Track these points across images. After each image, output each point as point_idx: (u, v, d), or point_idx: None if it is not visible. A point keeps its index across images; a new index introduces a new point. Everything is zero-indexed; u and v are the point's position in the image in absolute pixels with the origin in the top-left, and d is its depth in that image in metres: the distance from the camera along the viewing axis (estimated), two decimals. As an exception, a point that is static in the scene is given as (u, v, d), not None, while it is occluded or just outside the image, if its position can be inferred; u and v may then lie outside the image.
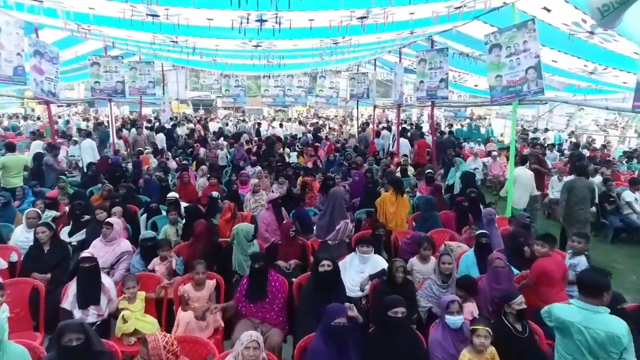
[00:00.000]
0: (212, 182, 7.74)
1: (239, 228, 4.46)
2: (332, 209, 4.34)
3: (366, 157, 11.39)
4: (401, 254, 4.85)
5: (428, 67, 9.51)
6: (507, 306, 3.03)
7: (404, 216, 5.65)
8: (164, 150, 11.87)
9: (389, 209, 5.55)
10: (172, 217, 5.28)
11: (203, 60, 10.88)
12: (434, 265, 4.20)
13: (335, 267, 3.61)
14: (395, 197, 5.62)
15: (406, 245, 4.85)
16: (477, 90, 15.60)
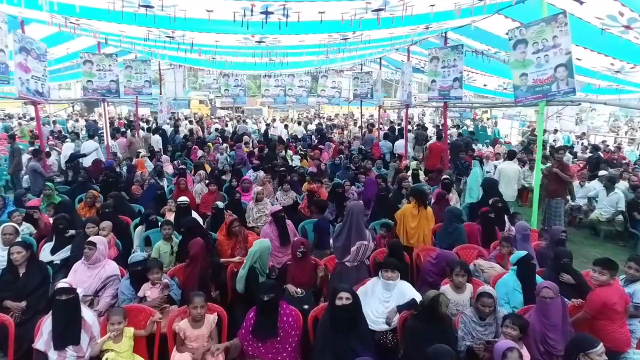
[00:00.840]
0: (212, 189, 7.16)
1: (261, 246, 3.88)
2: (349, 226, 3.76)
3: (373, 161, 10.84)
4: (424, 274, 4.28)
5: (441, 66, 8.94)
6: (583, 356, 2.45)
7: (428, 231, 5.07)
8: (160, 152, 11.30)
9: (410, 223, 4.97)
10: (166, 232, 4.69)
11: (202, 58, 10.29)
12: (469, 294, 3.63)
13: (355, 300, 3.05)
14: (418, 210, 5.04)
15: (431, 266, 4.26)
16: (486, 90, 15.05)
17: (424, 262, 4.47)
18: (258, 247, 3.89)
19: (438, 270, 4.12)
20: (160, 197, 6.50)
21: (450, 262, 3.79)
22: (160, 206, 6.33)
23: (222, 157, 10.66)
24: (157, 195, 6.52)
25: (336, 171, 9.89)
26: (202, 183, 7.73)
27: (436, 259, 4.18)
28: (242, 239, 4.95)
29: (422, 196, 5.13)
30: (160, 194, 6.54)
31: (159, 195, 6.51)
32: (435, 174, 8.76)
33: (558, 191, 6.86)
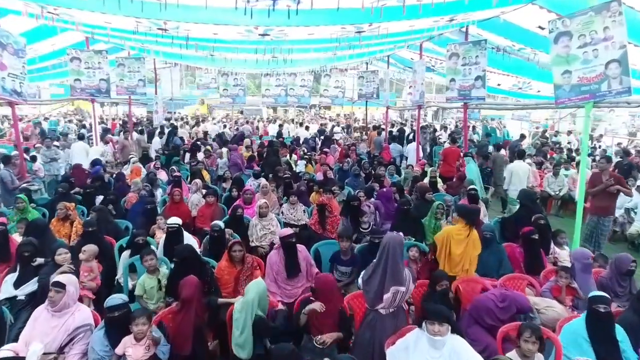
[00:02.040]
0: (209, 201, 6.35)
1: (258, 290, 3.07)
2: (384, 267, 2.92)
3: (384, 166, 10.04)
4: (481, 314, 3.40)
5: (461, 63, 8.16)
6: None
7: (474, 259, 4.24)
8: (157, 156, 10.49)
9: (455, 249, 4.14)
10: (149, 263, 3.87)
11: (199, 54, 9.48)
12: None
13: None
14: (468, 233, 4.19)
15: (497, 309, 3.32)
16: (499, 89, 14.28)
17: (480, 299, 3.59)
18: (255, 292, 3.08)
19: (504, 317, 3.32)
20: (150, 212, 5.67)
21: (521, 308, 3.02)
22: (152, 223, 5.52)
23: (222, 161, 9.82)
24: (147, 210, 5.68)
25: (344, 177, 9.09)
26: (199, 193, 6.92)
27: (503, 301, 3.37)
28: (247, 268, 4.15)
29: (473, 216, 4.30)
30: (150, 209, 5.70)
31: (149, 211, 5.68)
32: (456, 182, 7.96)
33: (610, 208, 6.00)
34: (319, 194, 7.20)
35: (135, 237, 4.60)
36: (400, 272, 2.96)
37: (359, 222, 5.65)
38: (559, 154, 13.57)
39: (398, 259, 2.97)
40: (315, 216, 5.82)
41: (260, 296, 3.06)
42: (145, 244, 4.62)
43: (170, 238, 4.80)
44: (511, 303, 3.19)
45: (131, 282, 4.31)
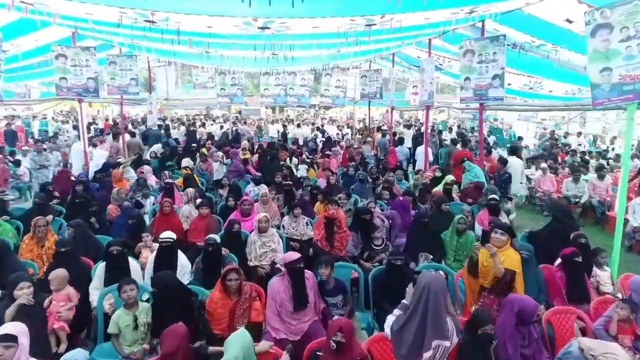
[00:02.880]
0: (203, 213, 5.71)
1: (243, 345, 2.42)
2: (422, 316, 2.28)
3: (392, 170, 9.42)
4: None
5: (477, 60, 7.52)
6: None
7: (521, 287, 3.58)
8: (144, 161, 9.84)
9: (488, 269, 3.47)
10: (128, 295, 3.22)
11: (193, 51, 8.83)
12: None
13: None
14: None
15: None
16: (509, 89, 13.67)
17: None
18: (238, 349, 2.40)
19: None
20: (134, 228, 5.01)
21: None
22: (138, 241, 4.87)
23: (219, 165, 9.14)
24: (130, 226, 5.02)
25: (349, 184, 8.45)
26: (191, 204, 6.28)
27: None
28: (245, 299, 3.51)
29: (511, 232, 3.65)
30: (133, 225, 5.03)
31: (132, 227, 5.01)
32: (472, 189, 7.34)
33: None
34: (323, 204, 6.57)
35: (110, 248, 3.97)
36: (443, 323, 2.33)
37: (370, 238, 5.02)
38: (572, 156, 12.97)
39: (440, 308, 2.33)
40: (321, 231, 5.17)
41: (245, 353, 2.42)
42: (121, 256, 3.98)
43: (161, 256, 4.17)
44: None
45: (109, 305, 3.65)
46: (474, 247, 3.46)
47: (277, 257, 4.87)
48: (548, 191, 9.51)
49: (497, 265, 3.29)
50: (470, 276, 3.61)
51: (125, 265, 4.01)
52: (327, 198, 6.09)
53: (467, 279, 3.72)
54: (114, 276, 3.93)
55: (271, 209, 6.50)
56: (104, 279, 3.91)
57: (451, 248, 4.93)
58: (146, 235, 4.76)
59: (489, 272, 3.41)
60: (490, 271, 3.39)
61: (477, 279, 3.48)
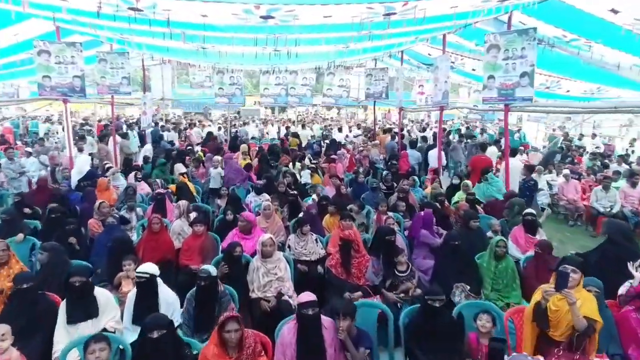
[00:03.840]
0: (198, 231, 4.94)
1: None
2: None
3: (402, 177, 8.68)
4: None
5: (503, 57, 6.77)
6: None
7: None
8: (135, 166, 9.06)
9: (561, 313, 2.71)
10: (96, 357, 2.47)
11: (187, 47, 8.06)
12: None
13: None
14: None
15: None
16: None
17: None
18: None
19: None
20: (116, 251, 4.24)
21: None
22: (118, 268, 4.10)
23: (216, 172, 8.33)
24: (110, 249, 4.25)
25: (359, 192, 7.69)
26: (184, 218, 5.51)
27: None
28: (246, 356, 2.75)
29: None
30: (113, 247, 4.26)
31: (112, 250, 4.24)
32: (498, 202, 6.59)
33: None
34: (333, 217, 5.82)
35: (71, 278, 3.22)
36: None
37: (393, 263, 4.27)
38: (592, 160, 12.24)
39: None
40: (336, 255, 4.41)
41: None
42: (84, 290, 3.22)
43: (141, 295, 3.42)
44: None
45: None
46: (544, 294, 2.72)
47: (284, 286, 4.12)
48: (572, 199, 8.78)
49: (578, 316, 2.56)
50: (533, 323, 2.86)
51: (89, 302, 3.26)
52: (341, 212, 5.33)
53: (526, 324, 2.97)
54: (76, 316, 3.20)
55: (275, 224, 5.77)
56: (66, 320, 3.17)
57: (488, 276, 4.19)
58: (127, 262, 3.99)
59: (561, 322, 2.67)
60: (564, 321, 2.65)
61: (548, 329, 2.73)
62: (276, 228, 5.74)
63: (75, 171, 7.56)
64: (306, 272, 4.71)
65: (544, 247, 4.23)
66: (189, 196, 6.94)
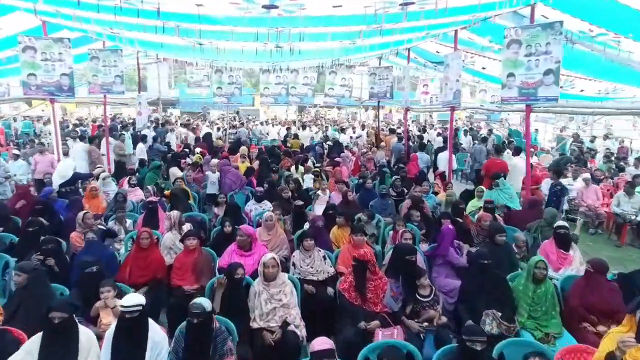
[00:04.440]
0: (190, 246, 4.39)
1: None
2: None
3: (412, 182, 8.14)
4: None
5: (524, 53, 6.25)
6: None
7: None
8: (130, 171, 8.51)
9: None
10: None
11: (183, 43, 7.50)
12: None
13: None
14: None
15: None
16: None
17: None
18: None
19: None
20: (91, 277, 3.64)
21: None
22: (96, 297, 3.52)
23: (214, 176, 7.77)
24: (86, 276, 3.64)
25: (367, 199, 7.14)
26: (175, 231, 4.96)
27: None
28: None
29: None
30: (90, 275, 3.65)
31: (89, 277, 3.64)
32: (526, 209, 6.05)
33: None
34: (342, 230, 5.28)
35: (50, 313, 2.68)
36: None
37: (415, 286, 3.73)
38: (606, 162, 11.70)
39: None
40: (349, 277, 3.86)
41: None
42: (66, 328, 2.68)
43: (124, 330, 2.86)
44: None
45: None
46: (621, 344, 2.18)
47: (290, 315, 3.58)
48: (593, 205, 8.25)
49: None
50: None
51: (68, 343, 2.72)
52: (352, 225, 4.78)
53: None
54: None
55: (277, 236, 5.23)
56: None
57: (525, 301, 3.65)
58: (106, 289, 3.42)
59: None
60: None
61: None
62: (279, 241, 5.21)
63: (57, 175, 6.99)
64: (314, 293, 4.17)
65: (598, 267, 3.67)
66: (185, 204, 6.40)
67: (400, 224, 5.20)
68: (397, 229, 5.16)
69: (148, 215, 5.70)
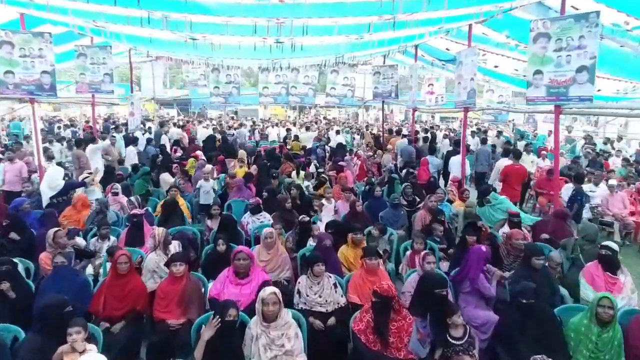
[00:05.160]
0: (176, 273, 3.72)
1: None
2: None
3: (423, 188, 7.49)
4: None
5: (554, 48, 5.58)
6: None
7: None
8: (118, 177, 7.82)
9: None
10: None
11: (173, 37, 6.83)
12: None
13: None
14: None
15: None
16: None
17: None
18: None
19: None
20: (61, 317, 2.95)
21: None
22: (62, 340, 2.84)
23: (207, 185, 7.10)
24: (51, 315, 2.95)
25: (375, 208, 6.49)
26: (160, 251, 4.28)
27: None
28: None
29: None
30: (57, 314, 2.94)
31: (56, 316, 2.94)
32: (552, 220, 5.38)
33: None
34: (352, 249, 4.60)
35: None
36: None
37: (445, 325, 3.07)
38: (625, 166, 11.03)
39: None
40: (365, 316, 3.19)
41: None
42: None
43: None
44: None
45: None
46: None
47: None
48: (620, 214, 7.59)
49: None
50: None
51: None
52: (365, 247, 4.11)
53: None
54: None
55: (279, 255, 4.59)
56: None
57: (586, 346, 2.99)
58: (76, 330, 2.75)
59: None
60: None
61: None
62: (280, 261, 4.56)
63: (46, 187, 6.31)
64: (322, 330, 3.51)
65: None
66: (178, 219, 5.72)
67: (420, 242, 4.54)
68: (416, 249, 4.50)
69: (132, 230, 5.05)
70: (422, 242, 4.55)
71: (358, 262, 4.27)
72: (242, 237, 5.26)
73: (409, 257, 4.57)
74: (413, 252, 4.51)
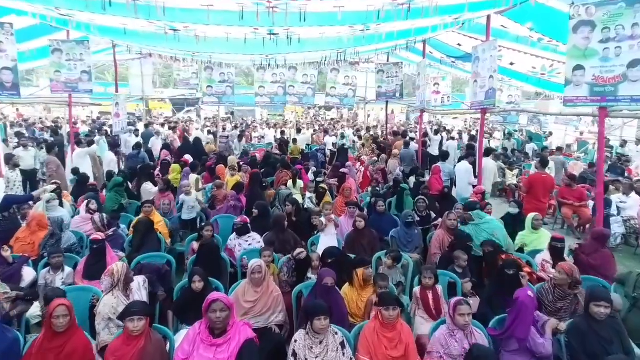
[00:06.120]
0: (134, 331, 2.80)
1: None
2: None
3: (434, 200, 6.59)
4: None
5: (599, 39, 4.68)
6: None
7: None
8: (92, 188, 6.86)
9: None
10: None
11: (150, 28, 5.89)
12: None
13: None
14: None
15: None
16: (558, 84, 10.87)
17: None
18: None
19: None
20: None
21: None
22: None
23: (190, 198, 6.15)
24: None
25: (380, 225, 5.55)
26: (118, 292, 3.35)
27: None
28: None
29: None
30: None
31: None
32: (592, 241, 4.44)
33: None
34: (361, 287, 3.68)
35: None
36: None
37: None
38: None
39: None
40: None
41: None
42: None
43: None
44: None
45: None
46: None
47: None
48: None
49: None
50: None
51: None
52: (381, 295, 3.18)
53: None
54: None
55: (269, 295, 3.68)
56: None
57: None
58: None
59: None
60: None
61: None
62: (270, 302, 3.66)
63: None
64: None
65: None
66: (153, 243, 4.78)
67: (429, 276, 3.65)
68: (424, 285, 3.63)
69: (92, 259, 4.13)
70: (432, 276, 3.65)
71: (364, 302, 3.36)
72: (227, 270, 4.34)
73: (418, 295, 3.68)
74: (422, 290, 3.62)
